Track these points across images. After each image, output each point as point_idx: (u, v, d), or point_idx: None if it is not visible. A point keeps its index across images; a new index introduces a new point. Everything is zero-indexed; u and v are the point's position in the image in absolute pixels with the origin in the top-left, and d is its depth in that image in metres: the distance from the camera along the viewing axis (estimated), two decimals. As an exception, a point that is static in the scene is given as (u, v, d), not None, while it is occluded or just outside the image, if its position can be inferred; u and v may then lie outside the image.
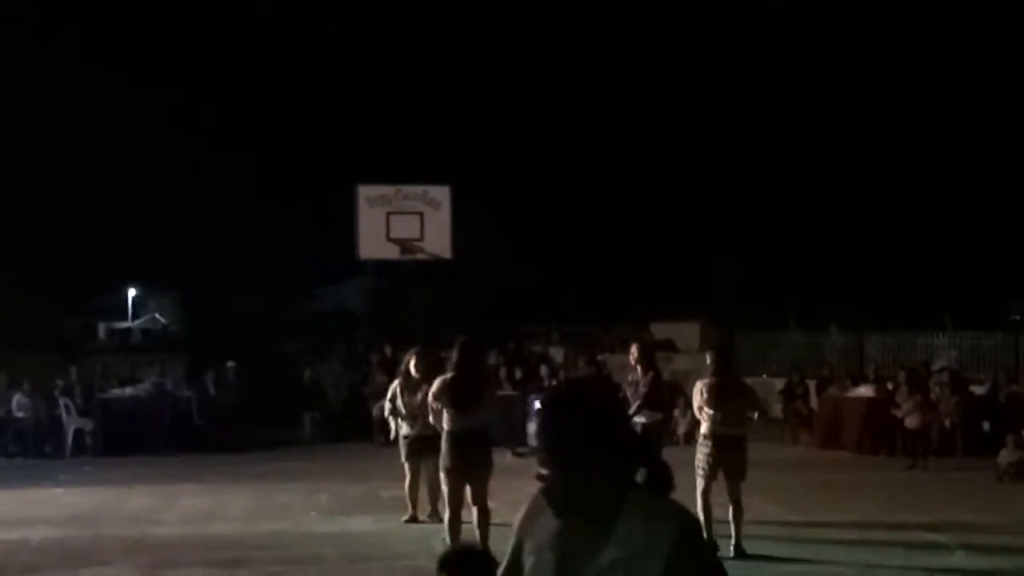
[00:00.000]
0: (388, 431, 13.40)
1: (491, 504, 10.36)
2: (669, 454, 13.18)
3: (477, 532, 10.20)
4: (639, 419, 12.41)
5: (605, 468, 2.63)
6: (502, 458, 11.57)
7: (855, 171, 33.42)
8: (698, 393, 11.34)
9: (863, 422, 20.40)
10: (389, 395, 12.68)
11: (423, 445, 11.80)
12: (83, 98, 33.23)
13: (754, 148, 34.17)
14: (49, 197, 31.64)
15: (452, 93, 36.37)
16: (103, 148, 33.81)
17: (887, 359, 26.18)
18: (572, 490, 2.63)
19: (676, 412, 14.98)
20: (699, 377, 11.96)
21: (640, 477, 2.73)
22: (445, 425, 10.30)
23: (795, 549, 11.21)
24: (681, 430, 19.40)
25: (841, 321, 29.89)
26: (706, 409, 11.14)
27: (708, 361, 11.70)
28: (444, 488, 10.51)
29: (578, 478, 2.62)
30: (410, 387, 12.29)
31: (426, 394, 10.96)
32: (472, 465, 10.24)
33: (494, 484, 10.51)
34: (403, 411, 12.39)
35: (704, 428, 11.21)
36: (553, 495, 2.68)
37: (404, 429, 12.52)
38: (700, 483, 11.02)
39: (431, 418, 10.69)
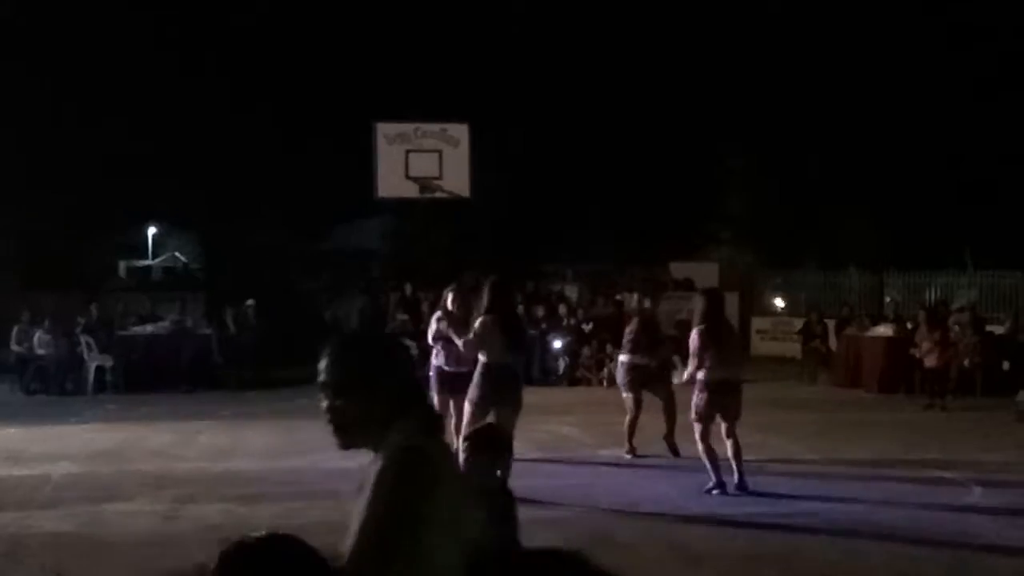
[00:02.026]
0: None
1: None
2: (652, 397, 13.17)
3: None
4: (637, 361, 12.50)
5: (363, 402, 3.00)
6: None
7: (871, 109, 33.08)
8: (693, 343, 11.20)
9: (882, 361, 20.40)
10: (433, 333, 12.36)
11: (464, 381, 11.58)
12: (103, 40, 33.11)
13: (773, 82, 33.83)
14: (70, 138, 31.62)
15: (469, 30, 36.12)
16: (124, 88, 33.77)
17: (907, 298, 26.12)
18: (336, 419, 3.05)
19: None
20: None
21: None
22: (483, 358, 10.59)
23: (812, 487, 11.23)
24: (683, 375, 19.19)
25: (860, 260, 29.80)
26: (704, 356, 11.02)
27: (698, 306, 11.50)
28: (466, 418, 10.60)
29: (339, 409, 3.03)
30: (453, 322, 12.19)
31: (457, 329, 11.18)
32: (504, 400, 10.48)
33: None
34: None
35: (700, 375, 11.05)
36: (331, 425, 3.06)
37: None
38: (698, 428, 11.04)
39: (464, 350, 10.94)
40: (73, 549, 8.94)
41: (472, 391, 10.67)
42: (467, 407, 10.70)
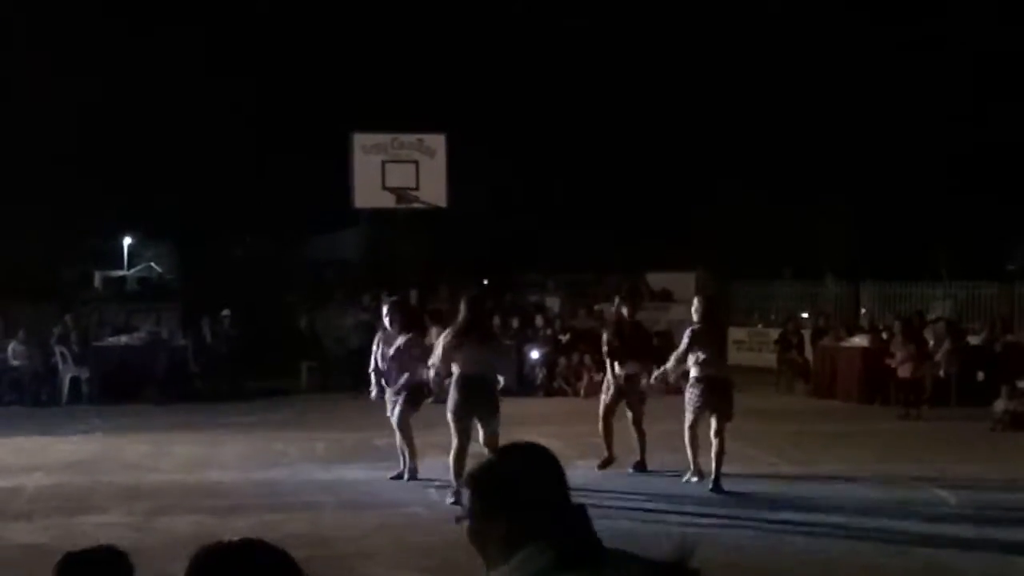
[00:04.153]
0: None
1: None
2: (656, 404, 13.38)
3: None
4: (623, 371, 12.55)
5: (481, 525, 2.73)
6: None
7: (850, 120, 33.27)
8: (686, 338, 11.90)
9: (858, 372, 20.46)
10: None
11: None
12: (79, 48, 32.96)
13: (748, 92, 33.97)
14: (46, 146, 31.46)
15: (446, 40, 36.12)
16: (99, 97, 33.60)
17: (882, 309, 26.22)
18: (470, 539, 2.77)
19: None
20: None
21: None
22: (456, 370, 11.03)
23: (788, 496, 11.28)
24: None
25: (837, 270, 29.92)
26: (698, 353, 11.71)
27: (696, 307, 12.22)
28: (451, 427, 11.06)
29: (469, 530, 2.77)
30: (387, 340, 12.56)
31: None
32: (480, 406, 10.98)
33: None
34: None
35: (694, 372, 11.74)
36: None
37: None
38: (689, 417, 11.76)
39: (441, 363, 11.31)
40: (46, 561, 8.76)
41: (449, 402, 11.08)
42: (448, 417, 11.06)
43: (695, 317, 12.11)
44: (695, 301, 12.53)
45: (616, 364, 12.84)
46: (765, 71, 33.98)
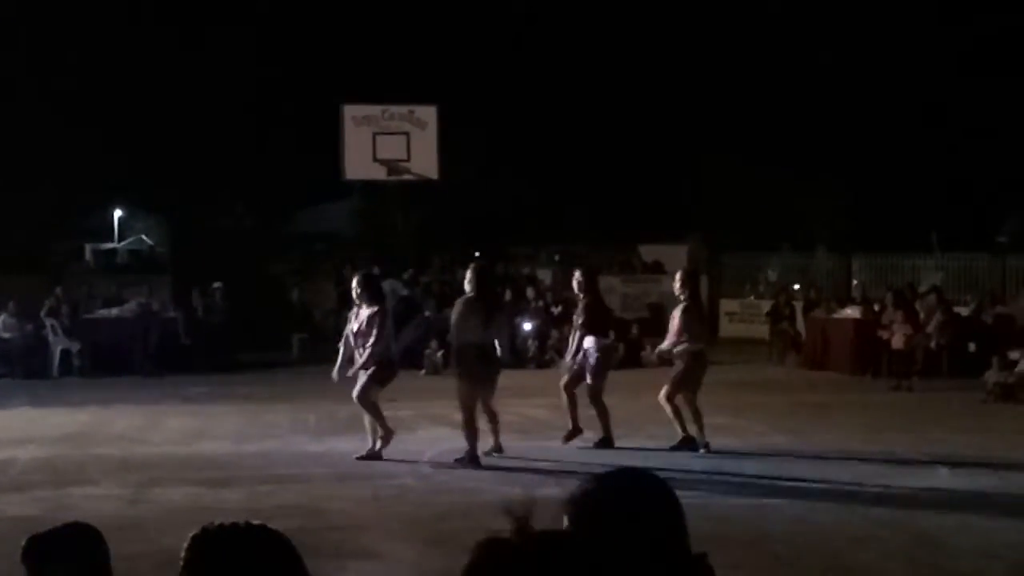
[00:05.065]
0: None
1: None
2: (624, 376, 13.49)
3: (492, 433, 11.73)
4: (587, 345, 12.41)
5: None
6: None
7: (841, 91, 33.22)
8: (684, 316, 12.13)
9: (849, 343, 20.49)
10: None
11: None
12: (70, 22, 32.78)
13: (742, 64, 33.91)
14: (35, 118, 31.29)
15: (441, 10, 35.97)
16: (88, 68, 33.42)
17: (874, 281, 26.24)
18: None
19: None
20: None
21: None
22: (470, 338, 11.36)
23: (779, 468, 11.30)
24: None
25: (828, 243, 29.91)
26: (695, 331, 12.12)
27: (680, 285, 12.46)
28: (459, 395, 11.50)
29: None
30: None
31: None
32: (492, 375, 11.55)
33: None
34: None
35: (694, 346, 12.10)
36: None
37: None
38: (692, 396, 12.06)
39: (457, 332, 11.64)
40: (38, 534, 8.84)
41: (462, 370, 11.50)
42: (461, 384, 11.45)
43: (681, 293, 12.35)
44: (677, 276, 12.74)
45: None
46: (758, 44, 33.90)
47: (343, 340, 12.14)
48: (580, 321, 12.54)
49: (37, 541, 3.36)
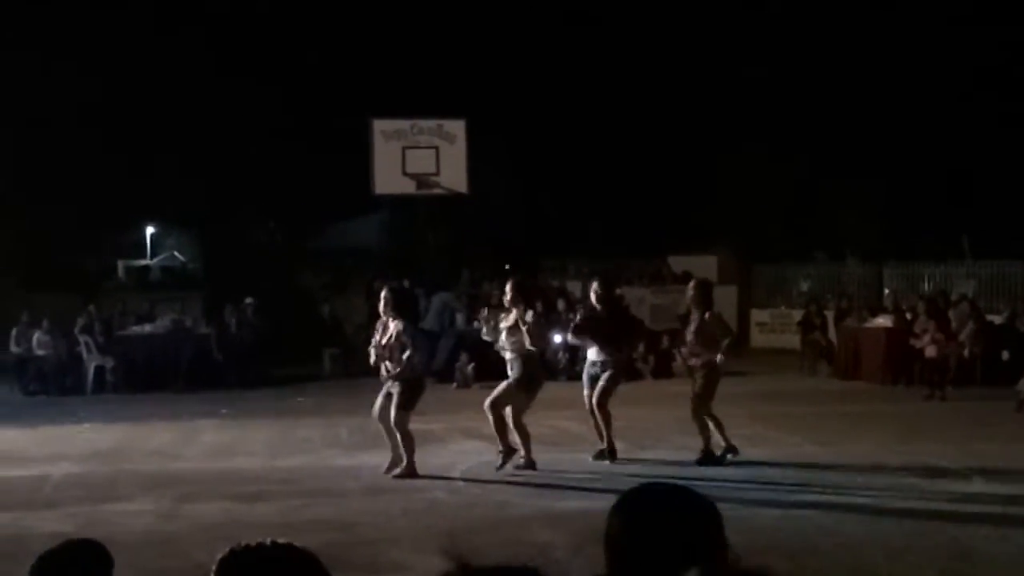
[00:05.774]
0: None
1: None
2: (655, 388, 13.54)
3: (521, 444, 11.78)
4: (599, 357, 12.39)
5: None
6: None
7: (870, 99, 33.06)
8: (717, 325, 12.36)
9: (881, 352, 20.38)
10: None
11: None
12: (103, 40, 33.04)
13: (772, 74, 33.80)
14: (67, 136, 31.58)
15: (467, 25, 36.06)
16: (121, 87, 33.69)
17: (906, 289, 26.12)
18: None
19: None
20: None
21: None
22: (530, 348, 11.67)
23: (811, 477, 11.24)
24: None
25: (860, 251, 29.78)
26: (721, 343, 12.19)
27: (692, 295, 12.66)
28: (514, 403, 11.70)
29: None
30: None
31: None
32: (535, 384, 11.87)
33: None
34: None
35: (719, 359, 12.09)
36: None
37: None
38: (710, 406, 12.17)
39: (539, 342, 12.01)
40: (73, 550, 8.90)
41: (523, 376, 11.70)
42: (520, 389, 11.67)
43: (698, 306, 12.44)
44: (691, 290, 12.77)
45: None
46: (788, 52, 33.77)
47: (373, 355, 11.84)
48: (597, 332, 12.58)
49: (40, 560, 3.42)
